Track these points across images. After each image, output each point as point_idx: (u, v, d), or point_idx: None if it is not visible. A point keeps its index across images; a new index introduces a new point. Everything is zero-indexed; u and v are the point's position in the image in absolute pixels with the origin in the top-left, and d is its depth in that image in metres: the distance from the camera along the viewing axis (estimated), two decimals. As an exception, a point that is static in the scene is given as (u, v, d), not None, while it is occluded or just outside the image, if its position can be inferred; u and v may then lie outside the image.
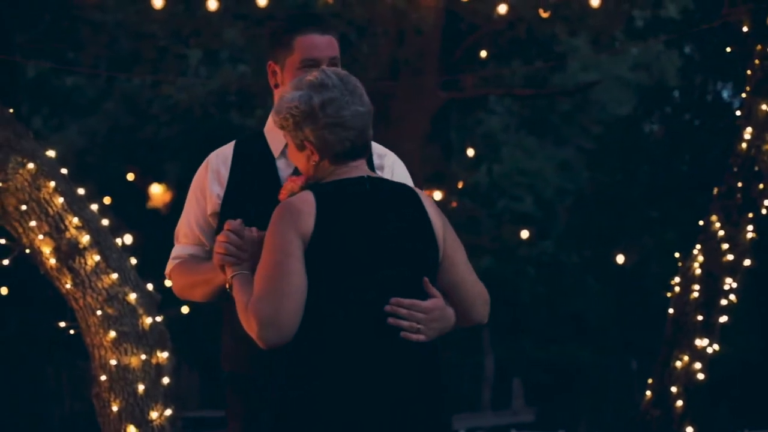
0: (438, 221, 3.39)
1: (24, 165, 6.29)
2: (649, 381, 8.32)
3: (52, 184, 6.31)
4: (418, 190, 3.42)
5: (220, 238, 3.46)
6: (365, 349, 3.21)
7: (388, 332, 3.24)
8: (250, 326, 3.19)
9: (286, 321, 3.16)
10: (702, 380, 8.05)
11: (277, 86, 3.79)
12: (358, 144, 3.35)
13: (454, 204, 13.74)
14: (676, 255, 8.39)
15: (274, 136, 3.77)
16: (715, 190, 8.19)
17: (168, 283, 3.93)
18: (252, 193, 3.72)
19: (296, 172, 3.63)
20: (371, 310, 3.23)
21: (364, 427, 3.17)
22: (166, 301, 6.72)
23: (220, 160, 3.83)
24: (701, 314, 8.05)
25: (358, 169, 3.37)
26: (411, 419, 3.24)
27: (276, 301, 3.16)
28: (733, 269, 8.06)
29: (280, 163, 3.76)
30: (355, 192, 3.31)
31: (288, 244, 3.19)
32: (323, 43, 3.73)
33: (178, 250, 3.85)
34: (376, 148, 3.85)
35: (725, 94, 18.37)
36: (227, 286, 3.43)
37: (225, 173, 3.79)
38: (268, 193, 3.65)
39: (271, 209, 3.41)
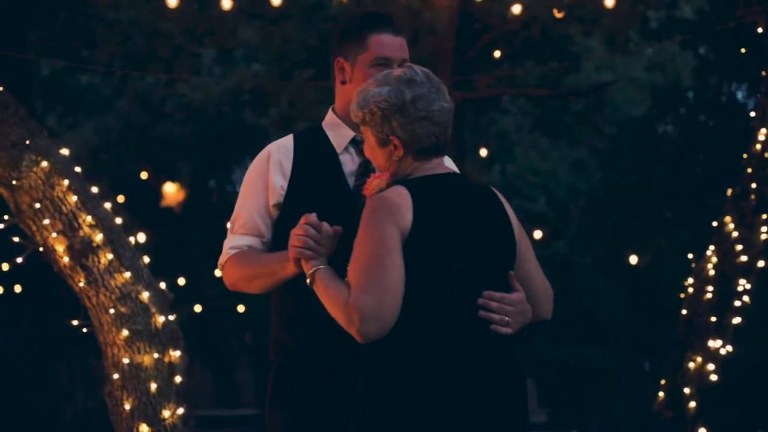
0: (514, 218, 3.48)
1: (38, 163, 6.30)
2: (662, 382, 8.30)
3: (66, 182, 6.32)
4: (494, 189, 3.49)
5: (297, 231, 3.44)
6: (457, 342, 3.25)
7: (478, 325, 3.30)
8: (350, 320, 3.20)
9: (388, 315, 3.18)
10: (715, 381, 8.03)
11: (344, 83, 3.80)
12: (441, 140, 3.41)
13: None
14: (690, 256, 8.37)
15: (336, 131, 3.80)
16: (729, 191, 8.17)
17: (218, 273, 3.91)
18: (316, 187, 3.71)
19: (368, 168, 3.67)
20: (463, 304, 3.28)
21: (457, 419, 3.21)
22: (178, 300, 6.74)
23: (282, 152, 3.79)
24: (714, 315, 8.04)
25: (440, 165, 3.43)
26: (502, 411, 3.31)
27: (379, 295, 3.17)
28: (747, 270, 8.04)
29: (343, 158, 3.77)
30: (444, 188, 3.36)
31: (389, 238, 3.21)
32: (397, 44, 3.76)
33: (235, 240, 3.79)
34: None
35: (740, 96, 18.32)
36: (308, 280, 3.40)
37: (288, 165, 3.76)
38: (333, 187, 3.71)
39: (337, 203, 3.52)
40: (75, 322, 6.53)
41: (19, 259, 6.56)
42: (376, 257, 3.19)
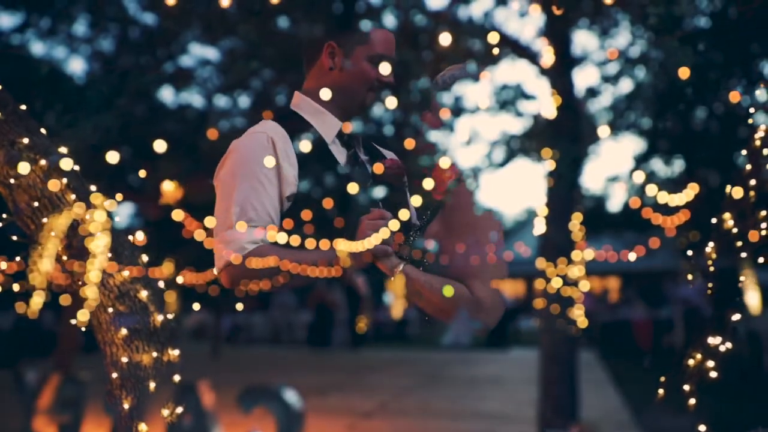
0: None
1: (36, 161, 6.30)
2: (662, 379, 8.30)
3: (65, 180, 6.31)
4: None
5: (381, 223, 3.32)
6: None
7: None
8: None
9: None
10: (715, 378, 8.02)
11: (332, 69, 3.62)
12: None
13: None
14: (689, 252, 8.37)
15: (322, 119, 3.65)
16: (729, 188, 8.16)
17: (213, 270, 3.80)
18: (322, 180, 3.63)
19: (356, 159, 3.59)
20: None
21: None
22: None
23: (283, 140, 3.57)
24: (714, 312, 8.04)
25: None
26: None
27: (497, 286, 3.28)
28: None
29: (332, 148, 3.64)
30: None
31: None
32: (393, 42, 3.63)
33: (254, 234, 3.52)
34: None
35: (739, 91, 18.32)
36: (393, 277, 3.28)
37: (293, 155, 3.56)
38: (336, 180, 3.61)
39: (341, 196, 3.43)
40: (73, 321, 6.53)
41: (18, 258, 6.55)
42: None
